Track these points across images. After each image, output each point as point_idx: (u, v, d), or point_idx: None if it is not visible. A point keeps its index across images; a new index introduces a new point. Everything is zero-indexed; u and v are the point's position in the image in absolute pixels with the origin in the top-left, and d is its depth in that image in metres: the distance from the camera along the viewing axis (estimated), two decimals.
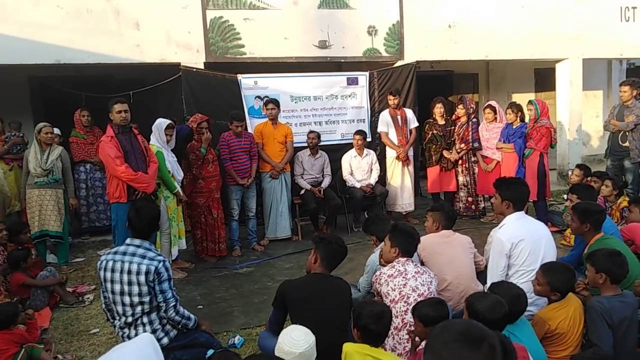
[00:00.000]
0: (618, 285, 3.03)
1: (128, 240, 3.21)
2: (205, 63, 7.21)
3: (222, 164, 6.02)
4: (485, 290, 3.14)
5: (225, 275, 5.45)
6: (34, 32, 6.45)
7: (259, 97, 7.19)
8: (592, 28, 9.20)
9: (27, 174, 5.64)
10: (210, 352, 3.53)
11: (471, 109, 7.20)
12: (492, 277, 3.40)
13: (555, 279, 2.99)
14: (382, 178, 7.25)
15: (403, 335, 2.99)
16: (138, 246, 3.16)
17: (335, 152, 7.18)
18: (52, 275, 4.76)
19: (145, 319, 3.14)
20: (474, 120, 7.13)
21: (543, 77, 10.98)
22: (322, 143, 6.92)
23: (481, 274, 3.81)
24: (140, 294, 3.07)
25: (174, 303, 3.15)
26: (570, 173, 6.80)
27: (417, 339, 2.79)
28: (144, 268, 3.05)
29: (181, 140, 5.74)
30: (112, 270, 3.11)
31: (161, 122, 5.32)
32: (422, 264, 3.63)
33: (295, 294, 3.04)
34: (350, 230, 6.89)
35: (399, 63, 8.12)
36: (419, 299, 2.99)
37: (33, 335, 3.64)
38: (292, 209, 6.75)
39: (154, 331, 3.13)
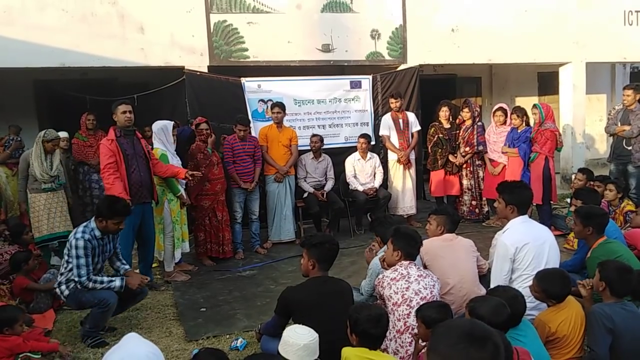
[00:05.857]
0: (619, 298, 2.99)
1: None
2: (209, 66, 7.24)
3: (225, 167, 6.03)
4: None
5: (228, 278, 5.45)
6: (39, 36, 6.48)
7: (262, 100, 7.21)
8: (595, 32, 9.19)
9: (25, 177, 5.61)
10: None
11: (476, 112, 7.20)
12: (496, 281, 3.40)
13: (549, 287, 3.00)
14: (385, 181, 7.25)
15: (405, 339, 3.00)
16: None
17: (339, 155, 7.18)
18: (54, 278, 4.75)
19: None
20: (479, 123, 7.11)
21: (546, 80, 10.97)
22: (325, 146, 6.93)
23: (484, 278, 3.81)
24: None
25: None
26: (573, 177, 6.77)
27: (420, 341, 2.79)
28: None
29: (184, 142, 5.74)
30: None
31: (166, 124, 5.35)
32: (425, 267, 3.63)
33: (300, 301, 3.02)
34: (353, 233, 6.90)
35: (402, 67, 8.13)
36: (421, 302, 2.99)
37: (29, 345, 3.46)
38: (296, 212, 6.77)
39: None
